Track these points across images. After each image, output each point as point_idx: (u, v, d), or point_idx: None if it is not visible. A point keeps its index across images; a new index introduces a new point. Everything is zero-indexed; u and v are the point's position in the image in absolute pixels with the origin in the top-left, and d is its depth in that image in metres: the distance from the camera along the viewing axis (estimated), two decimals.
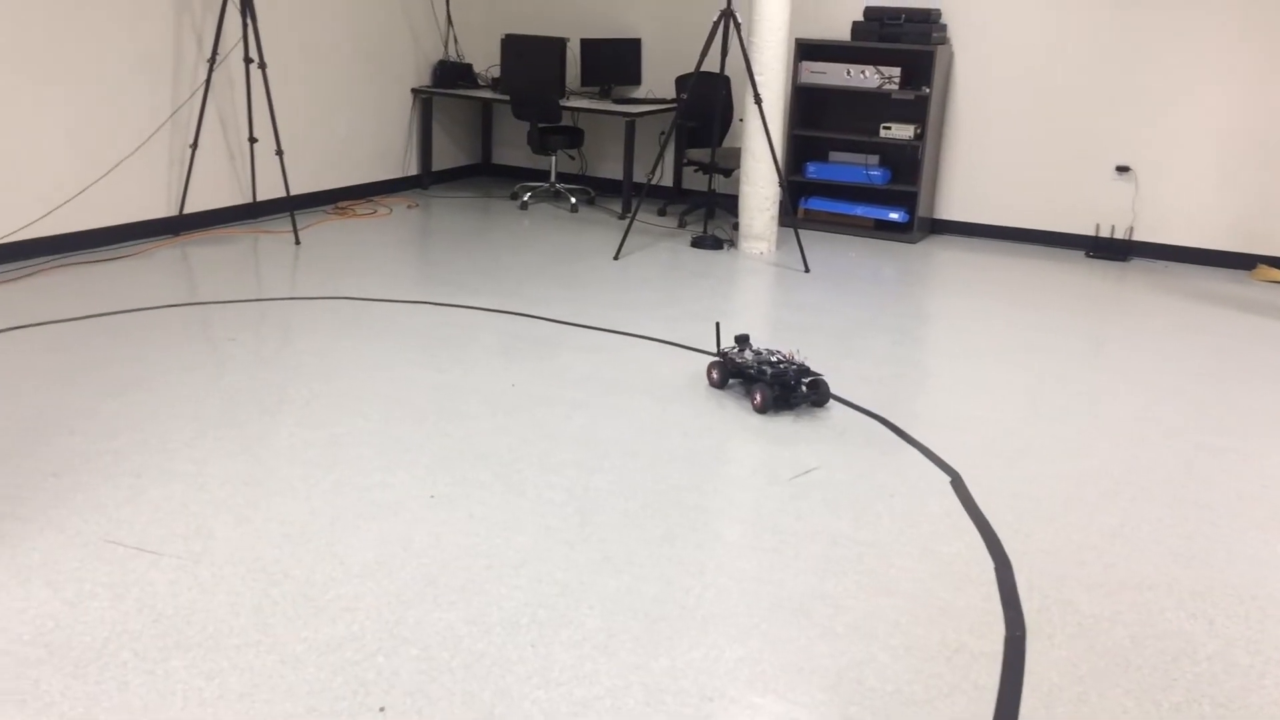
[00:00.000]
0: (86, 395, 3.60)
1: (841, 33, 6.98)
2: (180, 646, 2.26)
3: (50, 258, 5.27)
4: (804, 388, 3.85)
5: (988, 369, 4.39)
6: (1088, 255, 6.66)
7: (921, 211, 6.80)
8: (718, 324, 4.23)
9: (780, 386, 3.81)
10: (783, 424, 3.68)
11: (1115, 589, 2.70)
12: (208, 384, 3.76)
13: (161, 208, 5.87)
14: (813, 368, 4.18)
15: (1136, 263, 6.54)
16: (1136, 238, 6.64)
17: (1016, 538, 2.95)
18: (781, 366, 3.84)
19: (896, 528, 2.97)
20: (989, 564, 2.80)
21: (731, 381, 4.08)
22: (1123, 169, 6.57)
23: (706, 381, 4.06)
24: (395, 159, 7.57)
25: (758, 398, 3.80)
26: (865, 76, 6.65)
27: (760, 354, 3.96)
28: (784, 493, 3.16)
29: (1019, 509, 3.13)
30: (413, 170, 7.75)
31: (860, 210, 6.91)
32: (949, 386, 4.16)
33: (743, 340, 4.03)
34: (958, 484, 3.28)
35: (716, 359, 4.05)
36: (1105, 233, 6.71)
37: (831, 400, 3.95)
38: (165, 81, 5.75)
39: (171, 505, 2.87)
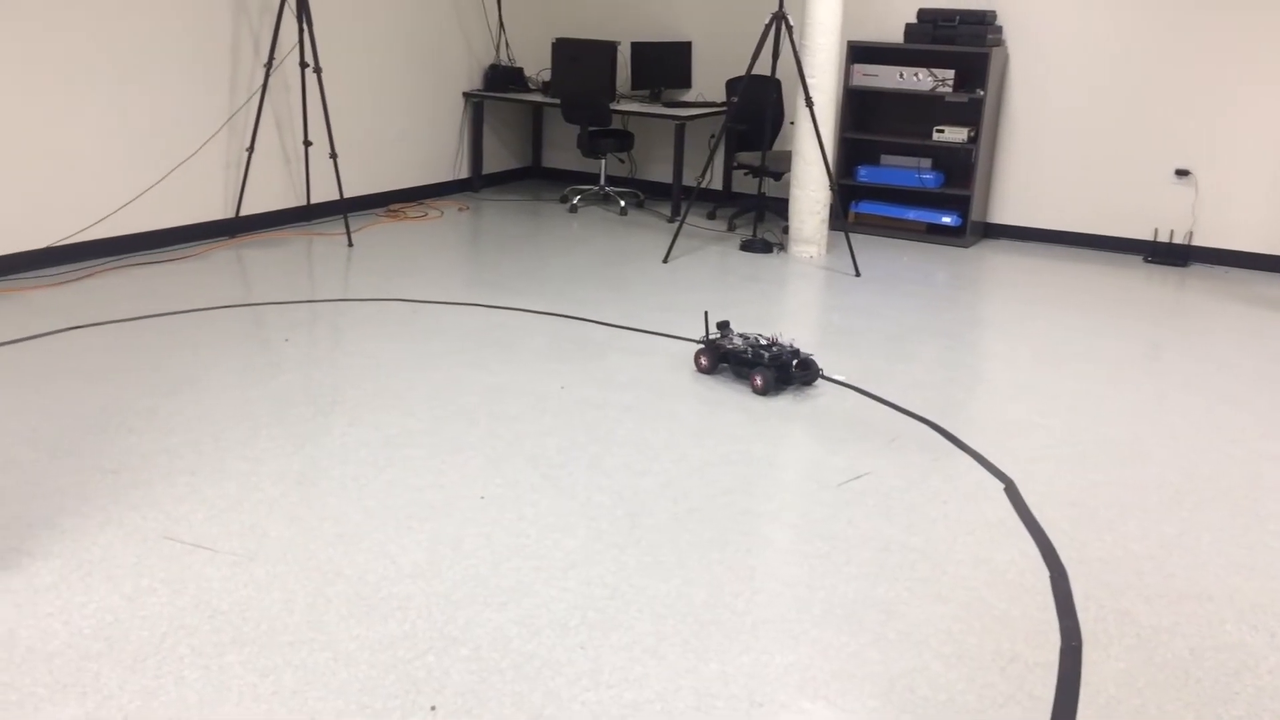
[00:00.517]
0: (145, 394, 3.66)
1: (894, 35, 6.92)
2: (236, 642, 2.29)
3: (110, 259, 5.38)
4: (795, 368, 4.03)
5: (1042, 374, 4.32)
6: (1146, 260, 6.54)
7: (974, 215, 6.73)
8: (706, 312, 4.29)
9: (777, 369, 3.95)
10: (833, 428, 3.65)
11: (1175, 600, 2.65)
12: (262, 384, 3.81)
13: (218, 210, 5.96)
14: (799, 349, 4.22)
15: (1196, 268, 6.42)
16: (1196, 242, 6.51)
17: (1072, 546, 2.90)
18: (775, 350, 3.99)
19: (949, 534, 2.94)
20: (1044, 572, 2.76)
21: (721, 365, 4.18)
22: (1182, 172, 6.45)
23: (695, 368, 4.18)
24: (446, 162, 7.63)
25: (758, 380, 3.93)
26: (918, 79, 6.59)
27: (747, 338, 4.11)
28: (835, 498, 3.13)
29: (1075, 517, 3.08)
30: (463, 173, 7.81)
31: (912, 214, 6.85)
32: (1003, 392, 4.10)
33: (724, 326, 4.20)
34: (1011, 491, 3.24)
35: (705, 345, 4.16)
36: (1164, 237, 6.59)
37: (820, 380, 4.11)
38: (223, 86, 5.84)
39: (226, 503, 2.91)
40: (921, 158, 6.83)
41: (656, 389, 3.96)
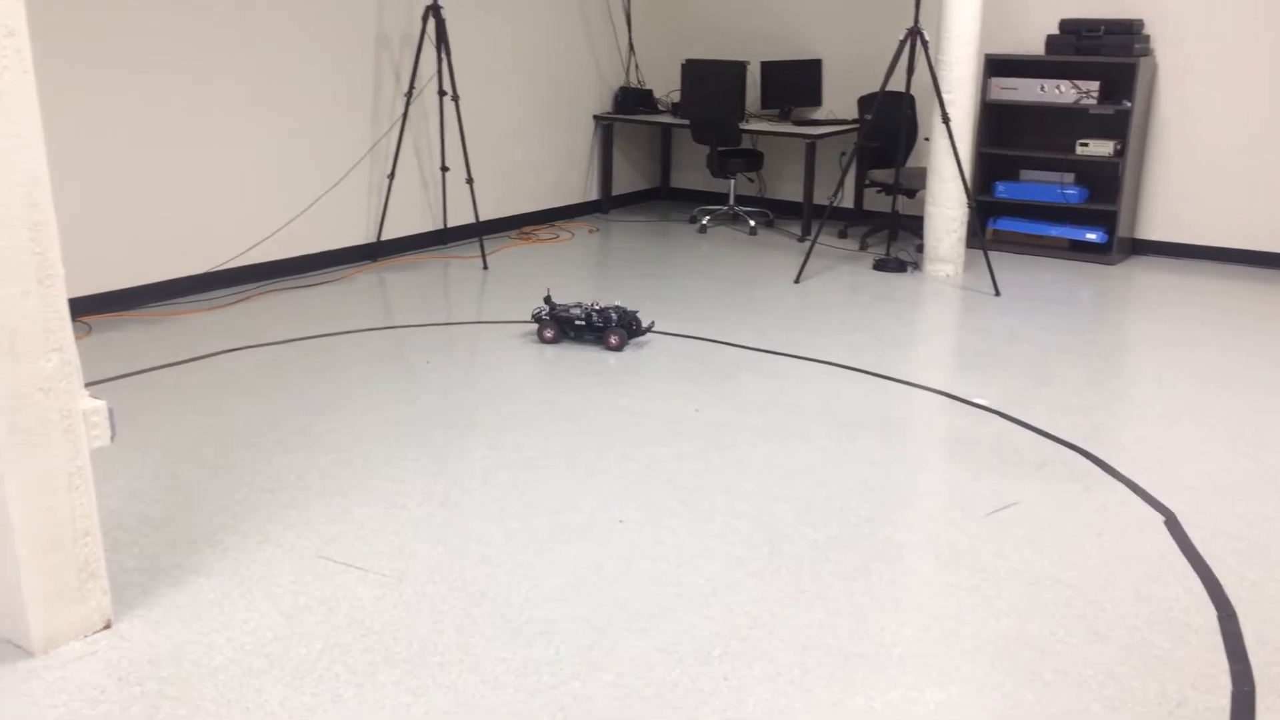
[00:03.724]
0: (297, 413, 3.80)
1: (1034, 47, 6.73)
2: (388, 662, 2.35)
3: (263, 283, 5.62)
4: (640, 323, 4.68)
5: (1200, 400, 4.12)
6: None
7: (1121, 231, 6.47)
8: (549, 290, 4.89)
9: (625, 328, 4.60)
10: (977, 454, 3.54)
11: None
12: (406, 405, 3.91)
13: (361, 235, 6.17)
14: (626, 307, 4.72)
15: None
16: None
17: (1241, 584, 2.75)
18: (624, 312, 4.62)
19: (1106, 569, 2.81)
20: (1211, 612, 2.61)
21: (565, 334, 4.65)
22: None
23: (538, 339, 4.66)
24: (577, 185, 7.73)
25: (613, 340, 4.58)
26: (1060, 91, 6.39)
27: (582, 306, 4.66)
28: (982, 528, 3.04)
29: (1242, 553, 2.91)
30: (593, 195, 7.90)
31: (1054, 230, 6.63)
32: (1158, 418, 3.92)
33: (550, 300, 4.68)
34: (1172, 523, 3.09)
35: (546, 318, 4.65)
36: None
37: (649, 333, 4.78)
38: (366, 116, 6.05)
39: (375, 523, 3.00)
40: (1064, 172, 6.61)
41: (792, 412, 3.91)
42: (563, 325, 4.67)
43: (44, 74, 4.60)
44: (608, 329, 4.61)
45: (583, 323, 4.63)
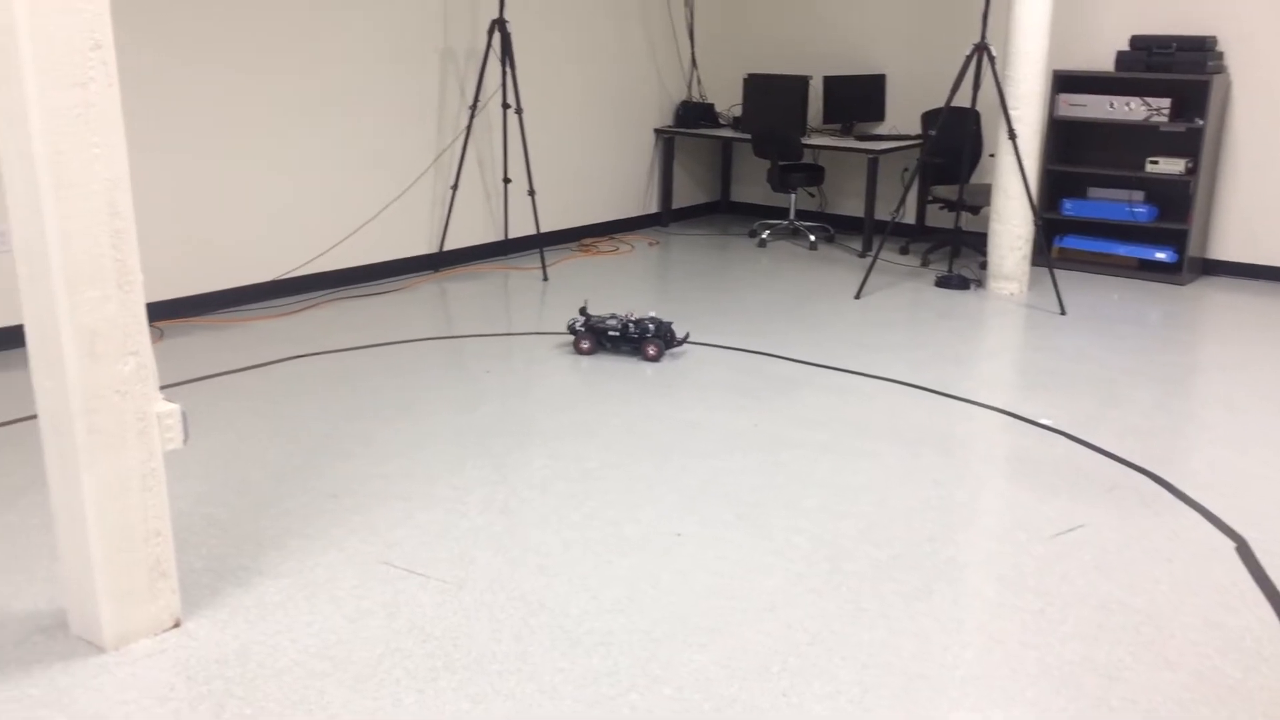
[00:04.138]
0: (361, 420, 3.85)
1: (1104, 63, 6.63)
2: (448, 668, 2.36)
3: (328, 291, 5.71)
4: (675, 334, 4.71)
5: (1273, 424, 4.01)
6: None
7: (1192, 251, 6.34)
8: (585, 301, 4.89)
9: (662, 339, 4.60)
10: (1043, 476, 3.48)
11: None
12: (466, 413, 3.95)
13: (424, 245, 6.25)
14: (660, 318, 4.76)
15: None
16: None
17: None
18: (659, 323, 4.62)
19: (1176, 596, 2.75)
20: None
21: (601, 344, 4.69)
22: None
23: (575, 351, 4.67)
24: (637, 197, 7.76)
25: (651, 350, 4.58)
26: (1130, 108, 6.28)
27: (617, 317, 4.66)
28: (1047, 551, 2.98)
29: None
30: (653, 208, 7.92)
31: (1122, 249, 6.51)
32: (1230, 442, 3.83)
33: (585, 312, 4.72)
34: (1244, 550, 3.01)
35: (581, 330, 4.67)
36: None
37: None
38: (431, 128, 6.13)
39: (436, 530, 3.02)
40: (1133, 190, 6.49)
41: (853, 429, 3.88)
42: (598, 336, 4.68)
43: (123, 86, 4.73)
44: (645, 340, 4.61)
45: (617, 333, 4.63)
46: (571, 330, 4.72)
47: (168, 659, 2.38)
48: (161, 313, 5.05)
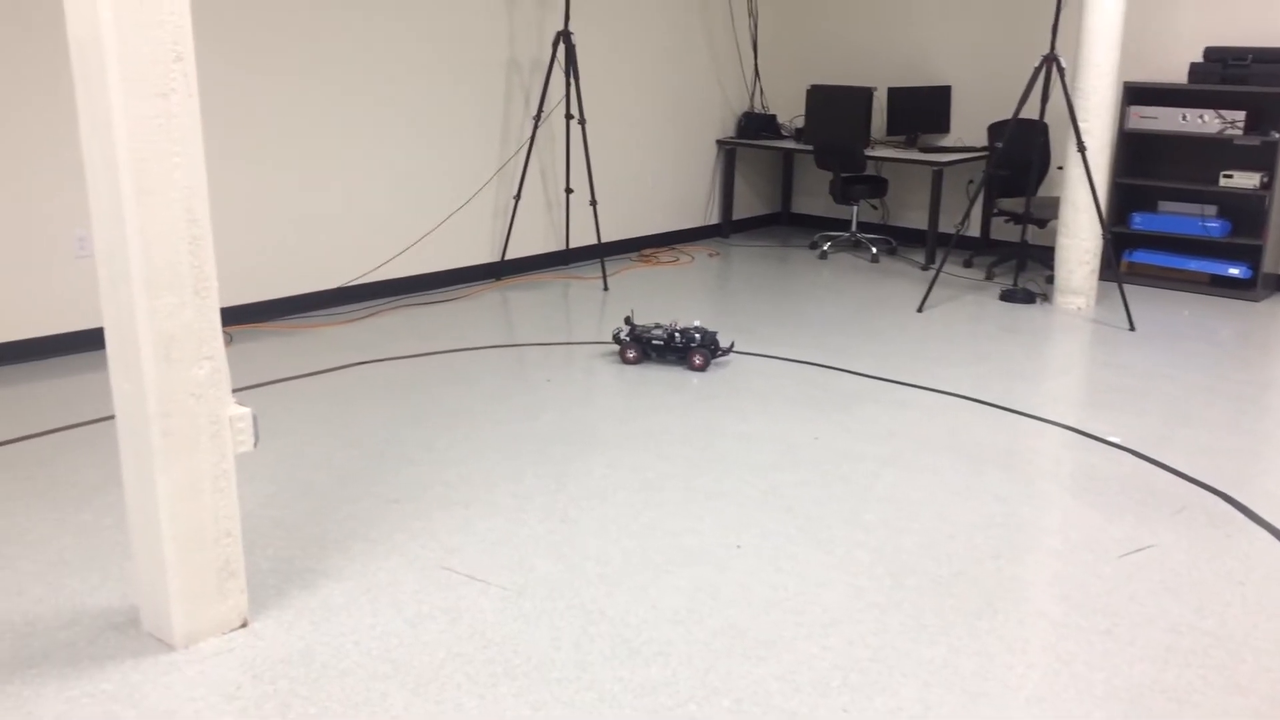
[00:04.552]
0: (423, 427, 3.90)
1: (1176, 75, 6.51)
2: (508, 675, 2.38)
3: (391, 299, 5.79)
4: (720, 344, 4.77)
5: None
6: None
7: (1267, 267, 6.18)
8: (631, 311, 4.93)
9: (708, 348, 4.61)
10: (1110, 495, 3.42)
11: None
12: (527, 421, 3.97)
13: (486, 254, 6.31)
14: (704, 327, 4.88)
15: None
16: None
17: None
18: (705, 332, 4.63)
19: (1248, 620, 2.68)
20: None
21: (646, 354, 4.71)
22: None
23: (621, 360, 4.69)
24: (698, 208, 7.77)
25: (697, 360, 4.60)
26: (1203, 121, 6.15)
27: (662, 327, 4.68)
28: (1114, 571, 2.93)
29: None
30: (714, 219, 7.92)
31: (1193, 264, 6.37)
32: None
33: (630, 321, 4.72)
34: None
35: (627, 339, 4.69)
36: None
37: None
38: (495, 138, 6.20)
39: (496, 537, 3.05)
40: (1205, 204, 6.35)
41: (915, 443, 3.84)
42: (644, 346, 4.69)
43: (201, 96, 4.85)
44: (692, 349, 4.62)
45: (660, 343, 4.65)
46: (616, 340, 4.74)
47: (235, 658, 2.42)
48: (232, 318, 5.16)
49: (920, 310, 5.81)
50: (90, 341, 4.71)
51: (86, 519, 3.10)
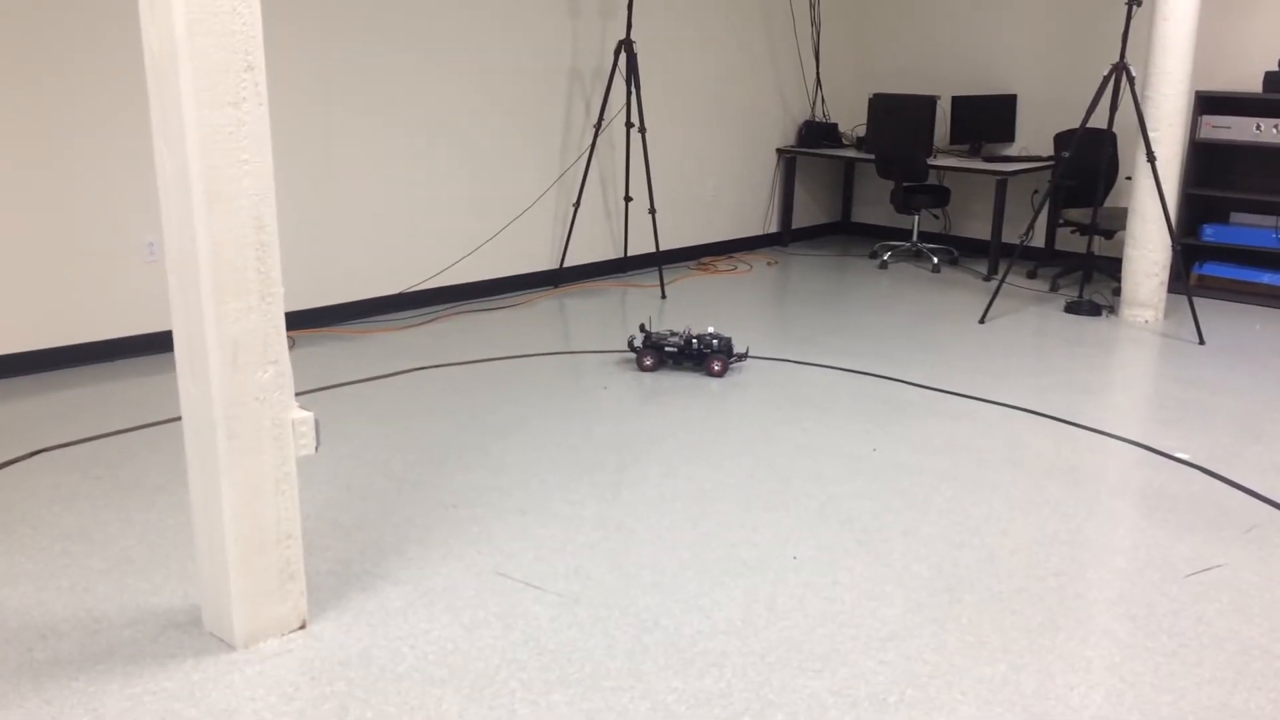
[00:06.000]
0: (480, 432, 3.93)
1: (1250, 85, 6.35)
2: (562, 682, 2.38)
3: (451, 305, 5.85)
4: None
5: None
6: None
7: None
8: (648, 318, 4.97)
9: (725, 354, 4.61)
10: (1177, 512, 3.34)
11: None
12: (583, 429, 3.98)
13: (544, 261, 6.35)
14: (719, 333, 4.85)
15: None
16: None
17: None
18: (722, 338, 4.64)
19: None
20: None
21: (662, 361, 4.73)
22: None
23: (638, 368, 4.70)
24: (757, 217, 7.74)
25: (716, 366, 4.61)
26: (1278, 131, 6.00)
27: (677, 334, 4.70)
28: (1181, 590, 2.85)
29: None
30: (773, 228, 7.89)
31: (1266, 278, 6.21)
32: None
33: (645, 329, 4.74)
34: None
35: (643, 346, 4.69)
36: None
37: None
38: (556, 146, 6.24)
39: (552, 544, 3.06)
40: (1279, 216, 6.19)
41: (975, 456, 3.79)
42: (659, 353, 4.70)
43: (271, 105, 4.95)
44: (710, 355, 4.62)
45: (674, 349, 4.66)
46: (632, 347, 4.74)
47: (294, 659, 2.46)
48: (295, 322, 5.24)
49: (982, 321, 5.73)
50: (158, 344, 4.81)
51: (151, 519, 3.17)
